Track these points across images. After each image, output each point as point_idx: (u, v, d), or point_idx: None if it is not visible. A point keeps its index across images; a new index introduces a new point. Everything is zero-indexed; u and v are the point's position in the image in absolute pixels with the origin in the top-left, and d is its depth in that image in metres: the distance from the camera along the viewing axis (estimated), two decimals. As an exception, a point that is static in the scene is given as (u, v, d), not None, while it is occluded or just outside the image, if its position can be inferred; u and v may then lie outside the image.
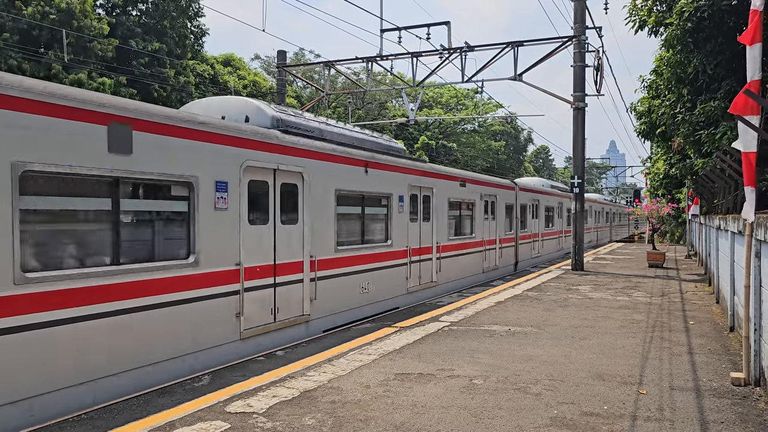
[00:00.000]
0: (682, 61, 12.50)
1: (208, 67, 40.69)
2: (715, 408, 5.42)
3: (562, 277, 16.93)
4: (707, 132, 11.95)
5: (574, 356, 7.40)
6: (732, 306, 9.09)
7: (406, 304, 13.03)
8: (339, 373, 6.59)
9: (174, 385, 6.53)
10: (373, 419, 5.11)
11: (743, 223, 6.39)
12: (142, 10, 36.19)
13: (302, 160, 9.59)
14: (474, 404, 5.51)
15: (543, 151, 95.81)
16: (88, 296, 6.08)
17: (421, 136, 56.73)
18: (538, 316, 10.26)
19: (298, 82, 49.17)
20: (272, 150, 8.90)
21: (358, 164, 11.34)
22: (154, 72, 33.56)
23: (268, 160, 8.79)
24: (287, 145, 9.28)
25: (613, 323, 9.65)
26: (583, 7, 18.47)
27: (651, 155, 29.17)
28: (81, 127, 6.05)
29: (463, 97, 63.78)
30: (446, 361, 7.11)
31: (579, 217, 18.87)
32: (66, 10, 27.10)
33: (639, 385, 6.15)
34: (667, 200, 25.12)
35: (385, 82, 52.62)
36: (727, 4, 10.70)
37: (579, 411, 5.33)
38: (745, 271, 6.31)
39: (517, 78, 19.07)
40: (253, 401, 5.59)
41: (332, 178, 10.45)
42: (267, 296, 8.78)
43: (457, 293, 15.24)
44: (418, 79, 21.04)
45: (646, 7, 13.26)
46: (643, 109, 17.95)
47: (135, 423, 5.07)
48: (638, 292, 13.63)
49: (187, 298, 7.27)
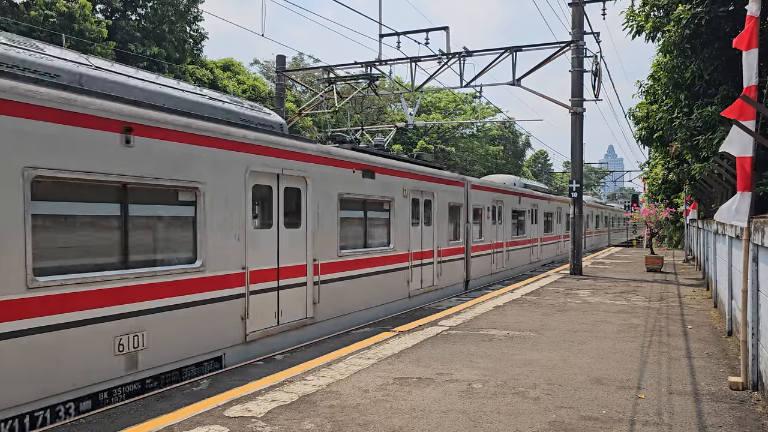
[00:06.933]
0: (679, 67, 12.54)
1: (207, 72, 40.75)
2: (713, 412, 5.43)
3: (560, 281, 16.96)
4: (705, 137, 11.98)
5: (573, 360, 7.41)
6: (730, 310, 9.11)
7: None
8: (338, 377, 6.59)
9: (173, 390, 6.53)
10: (371, 423, 5.12)
11: (740, 227, 6.42)
12: (142, 15, 36.28)
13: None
14: (472, 408, 5.52)
15: (541, 155, 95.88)
16: None
17: (419, 140, 56.82)
18: (536, 321, 10.27)
19: (297, 87, 49.25)
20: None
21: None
22: (153, 76, 33.55)
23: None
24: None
25: (612, 327, 9.66)
26: (581, 12, 18.55)
27: (649, 160, 29.20)
28: None
29: (461, 101, 63.93)
30: (445, 366, 7.12)
31: (577, 222, 18.94)
32: (67, 14, 27.18)
33: (637, 389, 6.17)
34: (665, 205, 25.18)
35: (383, 87, 52.70)
36: (724, 11, 10.76)
37: (577, 415, 5.34)
38: (743, 276, 6.33)
39: (516, 83, 19.13)
40: (252, 405, 5.59)
41: None
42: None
43: (455, 298, 15.23)
44: (416, 84, 21.10)
45: (643, 12, 13.32)
46: (641, 115, 18.00)
47: (134, 427, 5.08)
48: (637, 296, 13.65)
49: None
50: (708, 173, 12.18)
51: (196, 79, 38.53)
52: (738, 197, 5.99)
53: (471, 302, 12.63)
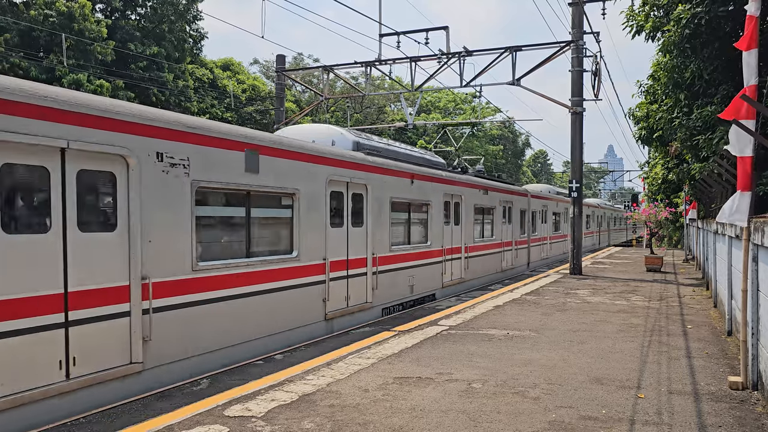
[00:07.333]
0: (679, 66, 12.54)
1: (207, 72, 40.75)
2: (713, 412, 5.44)
3: (560, 281, 16.96)
4: (704, 137, 11.98)
5: (573, 360, 7.41)
6: (729, 310, 9.11)
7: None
8: (338, 376, 6.60)
9: (172, 389, 6.54)
10: (371, 423, 5.12)
11: (740, 227, 6.42)
12: (141, 14, 36.26)
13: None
14: (472, 408, 5.52)
15: (541, 155, 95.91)
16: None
17: (419, 140, 56.79)
18: (536, 320, 10.27)
19: (297, 87, 49.22)
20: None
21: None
22: (153, 76, 33.60)
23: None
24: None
25: (612, 327, 9.67)
26: (581, 12, 18.54)
27: (649, 160, 29.20)
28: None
29: (461, 101, 63.93)
30: (445, 365, 7.12)
31: (577, 222, 18.97)
32: (66, 13, 27.18)
33: (637, 389, 6.17)
34: (665, 205, 25.17)
35: (383, 87, 52.71)
36: (724, 11, 10.76)
37: (577, 415, 5.34)
38: (743, 276, 6.33)
39: (516, 83, 19.13)
40: (252, 405, 5.59)
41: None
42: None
43: (455, 297, 15.26)
44: (416, 84, 21.09)
45: (643, 12, 13.32)
46: (641, 115, 18.00)
47: (134, 427, 5.08)
48: (636, 296, 13.65)
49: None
50: (708, 173, 12.18)
51: (195, 79, 38.53)
52: (738, 197, 5.99)
53: (471, 302, 12.63)
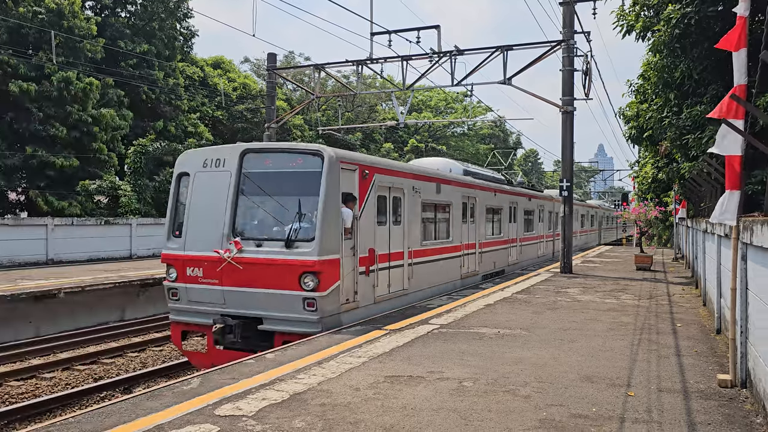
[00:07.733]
0: (669, 66, 12.62)
1: (198, 70, 40.54)
2: (702, 410, 5.47)
3: (551, 279, 17.02)
4: (694, 136, 12.06)
5: (563, 358, 7.44)
6: (719, 308, 9.18)
7: None
8: (329, 375, 6.58)
9: (162, 388, 6.49)
10: (362, 422, 5.11)
11: (729, 226, 6.47)
12: (131, 12, 36.00)
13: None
14: (463, 406, 5.52)
15: (532, 154, 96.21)
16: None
17: (410, 139, 56.78)
18: (527, 319, 10.30)
19: (288, 85, 49.07)
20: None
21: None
22: (143, 74, 33.37)
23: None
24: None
25: (602, 326, 9.71)
26: (572, 12, 18.60)
27: (639, 159, 29.37)
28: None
29: (452, 100, 63.97)
30: (436, 364, 7.12)
31: (568, 220, 19.06)
32: (56, 10, 26.92)
33: (627, 387, 6.20)
34: (655, 204, 25.33)
35: (375, 86, 52.61)
36: (713, 11, 10.83)
37: (568, 413, 5.36)
38: (732, 274, 6.37)
39: (507, 82, 19.18)
40: (243, 404, 5.57)
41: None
42: None
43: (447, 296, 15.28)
44: (408, 83, 21.09)
45: (633, 12, 13.39)
46: (631, 114, 18.10)
47: (123, 426, 5.04)
48: (626, 294, 13.73)
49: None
50: (697, 172, 12.26)
51: (186, 77, 38.32)
52: (727, 196, 6.03)
53: (462, 300, 12.66)
